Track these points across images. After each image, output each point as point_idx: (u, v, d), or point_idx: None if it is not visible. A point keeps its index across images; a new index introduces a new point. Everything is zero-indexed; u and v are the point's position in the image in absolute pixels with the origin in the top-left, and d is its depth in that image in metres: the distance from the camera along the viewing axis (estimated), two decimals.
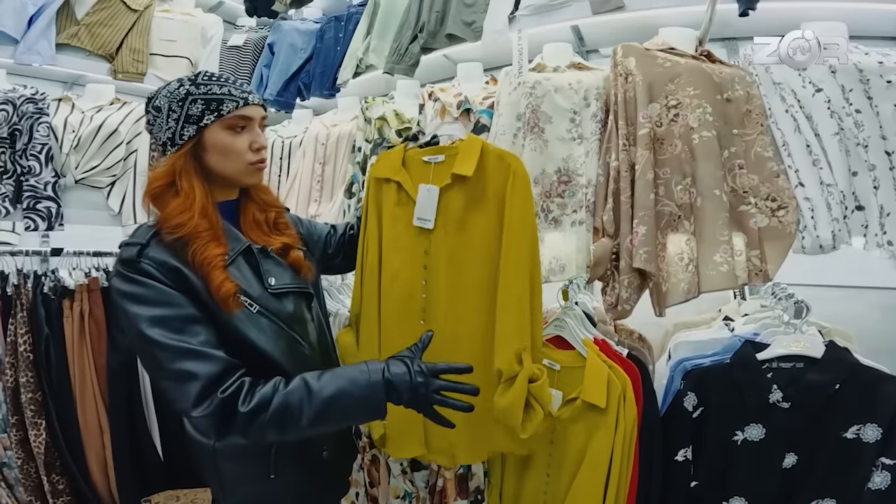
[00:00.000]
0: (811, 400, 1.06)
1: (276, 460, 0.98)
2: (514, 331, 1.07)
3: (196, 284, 0.89)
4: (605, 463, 1.15)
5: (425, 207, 1.17)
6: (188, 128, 0.94)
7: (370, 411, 0.89)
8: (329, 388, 0.86)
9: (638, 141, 1.32)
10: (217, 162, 0.96)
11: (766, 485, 1.06)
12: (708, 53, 1.40)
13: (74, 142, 1.82)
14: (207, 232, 0.91)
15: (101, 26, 2.08)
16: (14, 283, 1.64)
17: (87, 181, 1.88)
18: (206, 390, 0.83)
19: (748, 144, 1.27)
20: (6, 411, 1.61)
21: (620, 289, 1.30)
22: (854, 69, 1.19)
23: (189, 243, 0.89)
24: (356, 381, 0.87)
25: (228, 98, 0.95)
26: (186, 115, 0.94)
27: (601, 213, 1.36)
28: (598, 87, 1.44)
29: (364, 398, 0.87)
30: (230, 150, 0.96)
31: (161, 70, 2.23)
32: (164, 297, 0.86)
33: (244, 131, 0.97)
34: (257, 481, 0.98)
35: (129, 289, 0.86)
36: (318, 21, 2.36)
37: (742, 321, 1.33)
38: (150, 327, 0.84)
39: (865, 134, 1.16)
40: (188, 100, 0.94)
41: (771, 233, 1.21)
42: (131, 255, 0.87)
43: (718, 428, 1.12)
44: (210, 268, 0.89)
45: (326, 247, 1.27)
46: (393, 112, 1.81)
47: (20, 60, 1.94)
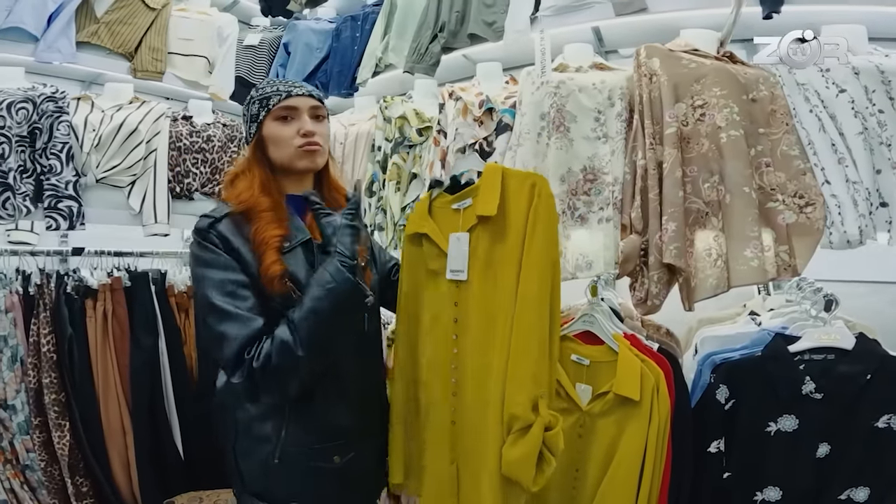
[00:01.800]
0: (843, 391, 1.08)
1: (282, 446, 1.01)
2: (530, 376, 0.98)
3: (248, 262, 0.98)
4: (639, 456, 1.17)
5: (457, 258, 1.10)
6: (252, 126, 1.09)
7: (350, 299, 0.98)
8: (302, 309, 0.94)
9: (665, 140, 1.34)
10: (273, 151, 1.07)
11: (800, 474, 1.08)
12: (730, 55, 1.43)
13: (95, 141, 1.82)
14: (269, 212, 1.01)
15: (121, 24, 2.08)
16: (37, 283, 1.64)
17: (108, 180, 1.87)
18: (240, 352, 0.92)
19: (774, 143, 1.30)
20: (29, 413, 1.60)
21: (650, 284, 1.32)
22: (876, 70, 1.22)
23: (252, 221, 0.99)
24: (319, 282, 0.96)
25: (274, 93, 1.07)
26: (250, 116, 1.09)
27: (629, 211, 1.38)
28: (621, 87, 1.46)
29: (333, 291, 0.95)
30: (279, 137, 1.06)
31: (179, 69, 2.23)
32: (223, 262, 0.97)
33: (291, 121, 1.07)
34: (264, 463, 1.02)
35: (199, 252, 0.98)
36: (332, 21, 2.37)
37: (768, 316, 1.36)
38: (208, 287, 0.95)
39: (888, 133, 1.20)
40: (250, 103, 1.10)
41: (799, 229, 1.23)
42: (203, 226, 0.99)
43: (751, 419, 1.15)
44: (266, 247, 0.98)
45: (389, 274, 1.27)
46: (413, 111, 1.83)
47: (41, 58, 1.93)
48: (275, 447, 1.01)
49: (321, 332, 0.95)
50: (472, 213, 1.09)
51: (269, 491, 1.03)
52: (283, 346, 0.92)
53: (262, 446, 1.02)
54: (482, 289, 1.07)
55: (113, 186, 1.90)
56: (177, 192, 2.02)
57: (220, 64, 2.29)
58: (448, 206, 1.14)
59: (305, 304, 0.95)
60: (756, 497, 1.11)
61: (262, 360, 0.91)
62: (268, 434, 1.02)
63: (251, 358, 0.92)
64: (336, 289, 0.96)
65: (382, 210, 1.81)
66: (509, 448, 0.97)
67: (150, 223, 1.94)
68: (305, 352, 0.92)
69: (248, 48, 2.43)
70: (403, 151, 1.78)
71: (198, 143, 2.06)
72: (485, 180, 1.09)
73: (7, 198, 1.69)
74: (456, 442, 1.11)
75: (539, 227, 1.02)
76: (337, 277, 0.96)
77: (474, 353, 1.07)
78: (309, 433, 1.03)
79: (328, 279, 0.96)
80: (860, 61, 1.24)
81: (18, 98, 1.71)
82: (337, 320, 0.98)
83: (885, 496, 1.03)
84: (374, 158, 1.89)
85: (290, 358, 0.92)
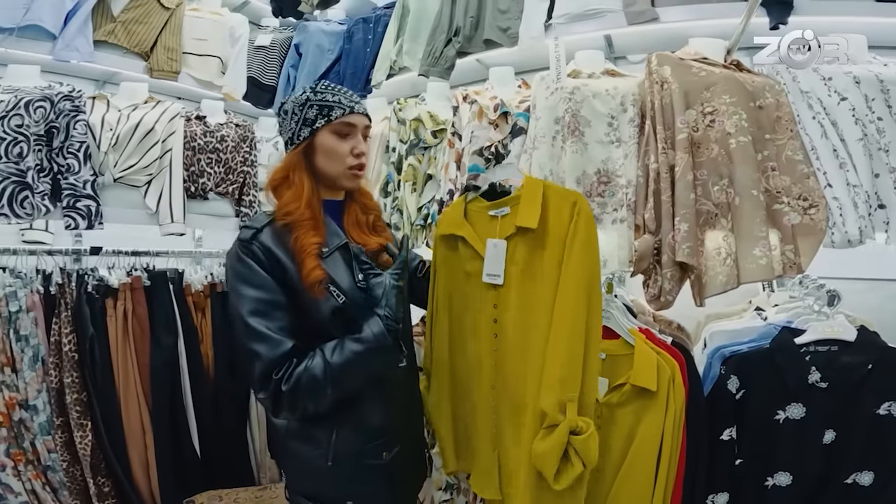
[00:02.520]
0: (846, 380, 1.16)
1: (334, 448, 1.04)
2: (559, 380, 1.04)
3: (291, 271, 1.00)
4: (656, 444, 1.23)
5: (494, 262, 1.16)
6: (304, 130, 1.08)
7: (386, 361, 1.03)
8: (342, 357, 0.97)
9: (677, 145, 1.41)
10: (323, 163, 1.08)
11: (808, 460, 1.16)
12: (737, 63, 1.50)
13: (113, 140, 1.82)
14: (309, 221, 1.03)
15: (137, 24, 2.08)
16: (58, 282, 1.64)
17: (125, 179, 1.88)
18: (267, 372, 0.95)
19: (779, 148, 1.37)
20: (50, 413, 1.60)
21: (663, 281, 1.39)
22: (875, 80, 1.30)
23: (293, 231, 1.02)
24: (362, 340, 0.99)
25: (338, 105, 1.08)
26: (304, 119, 1.07)
27: (642, 212, 1.44)
28: (633, 94, 1.53)
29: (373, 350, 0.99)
30: (335, 152, 1.08)
31: (194, 69, 2.24)
32: (260, 280, 0.99)
33: (348, 138, 1.09)
34: (316, 465, 1.04)
35: (237, 266, 1.00)
36: (342, 22, 2.40)
37: (774, 311, 1.43)
38: (242, 304, 0.97)
39: (886, 139, 1.28)
40: (307, 105, 1.08)
41: (803, 229, 1.31)
42: (246, 237, 1.01)
43: (761, 408, 1.22)
44: (305, 254, 1.00)
45: (416, 272, 1.33)
46: (427, 114, 1.87)
47: (59, 57, 1.92)
48: (327, 451, 1.04)
49: (352, 380, 1.00)
50: (511, 223, 1.14)
51: (323, 493, 1.06)
52: (314, 382, 0.95)
53: (314, 451, 1.05)
54: (520, 295, 1.13)
55: (130, 186, 1.91)
56: (191, 192, 2.04)
57: (233, 64, 2.30)
58: (485, 212, 1.19)
59: (345, 351, 0.98)
60: (767, 482, 1.18)
61: (291, 385, 0.94)
62: (319, 439, 1.04)
63: (279, 379, 0.95)
64: (377, 350, 0.99)
65: (398, 210, 1.86)
66: (538, 442, 1.05)
67: (166, 223, 1.96)
68: (333, 391, 0.97)
69: (260, 49, 2.45)
70: (419, 153, 1.83)
71: (212, 143, 2.08)
72: (526, 192, 1.14)
73: (25, 196, 1.69)
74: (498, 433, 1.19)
75: (578, 243, 1.08)
76: (380, 340, 0.99)
77: (513, 354, 1.14)
78: (358, 434, 1.06)
79: (371, 339, 0.99)
80: (861, 70, 1.32)
81: (36, 96, 1.71)
82: (370, 374, 1.03)
83: (888, 480, 1.11)
84: (389, 159, 1.93)
85: (318, 393, 0.96)
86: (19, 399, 1.55)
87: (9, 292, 1.56)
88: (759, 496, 1.18)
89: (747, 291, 1.55)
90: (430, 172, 1.82)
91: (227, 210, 2.18)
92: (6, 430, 1.53)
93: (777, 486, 1.18)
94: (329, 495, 1.06)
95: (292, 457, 1.09)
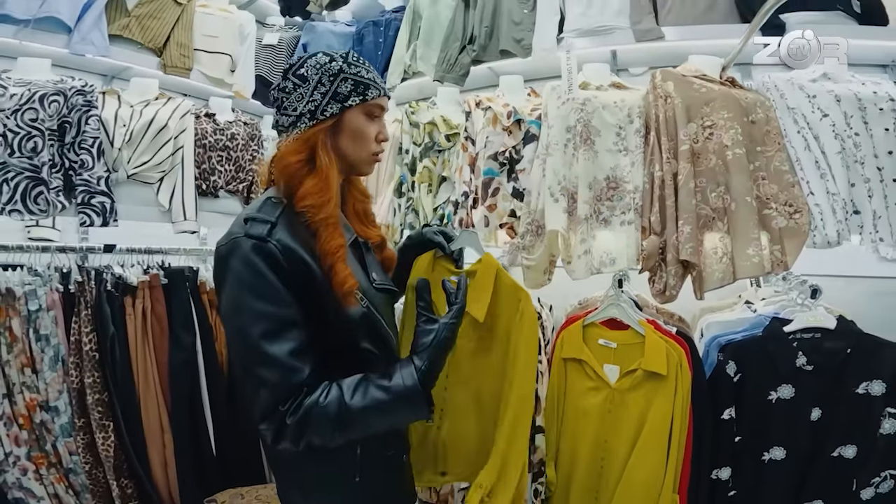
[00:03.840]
0: (829, 363, 1.33)
1: (361, 463, 0.96)
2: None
3: (316, 272, 0.87)
4: (667, 423, 1.38)
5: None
6: (332, 105, 0.92)
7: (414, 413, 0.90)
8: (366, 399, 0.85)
9: (679, 156, 1.55)
10: (348, 145, 0.96)
11: (799, 436, 1.32)
12: (732, 79, 1.66)
13: (126, 136, 1.81)
14: (334, 219, 0.91)
15: (151, 18, 2.06)
16: (77, 280, 1.64)
17: (139, 176, 1.88)
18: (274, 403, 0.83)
19: (768, 160, 1.53)
20: (72, 414, 1.59)
21: (668, 277, 1.53)
22: (854, 98, 1.48)
23: (318, 230, 0.88)
24: (392, 389, 0.86)
25: (374, 85, 0.96)
26: (335, 92, 0.92)
27: (648, 215, 1.58)
28: (639, 106, 1.66)
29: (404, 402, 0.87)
30: (364, 135, 0.96)
31: (205, 66, 2.23)
32: (274, 292, 0.83)
33: (376, 120, 0.99)
34: (342, 483, 0.96)
35: (244, 272, 0.83)
36: (349, 24, 2.44)
37: (762, 304, 1.60)
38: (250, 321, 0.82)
39: (862, 153, 1.46)
40: (339, 77, 0.93)
41: (789, 232, 1.47)
42: (261, 233, 0.84)
43: (756, 390, 1.38)
44: (335, 259, 0.88)
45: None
46: (441, 118, 1.96)
47: (75, 51, 1.88)
48: (353, 466, 0.96)
49: (369, 427, 0.88)
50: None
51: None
52: (324, 420, 0.83)
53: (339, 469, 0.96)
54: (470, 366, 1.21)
55: (142, 183, 1.91)
56: (202, 190, 2.06)
57: (242, 63, 2.31)
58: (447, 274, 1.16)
59: (367, 396, 0.85)
60: (764, 457, 1.34)
61: (299, 418, 0.82)
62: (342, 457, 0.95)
63: (285, 411, 0.82)
64: (404, 403, 0.87)
65: (414, 210, 1.94)
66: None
67: (179, 220, 1.97)
68: (343, 434, 0.85)
69: (268, 47, 2.46)
70: (433, 155, 1.91)
71: (222, 141, 2.09)
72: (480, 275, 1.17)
73: (40, 192, 1.67)
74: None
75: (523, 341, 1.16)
76: (411, 393, 0.86)
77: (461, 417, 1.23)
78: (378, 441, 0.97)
79: (401, 389, 0.85)
80: (842, 89, 1.49)
81: (50, 90, 1.69)
82: (392, 425, 0.94)
83: (869, 452, 1.28)
84: (402, 161, 2.00)
85: (326, 432, 0.84)
86: (40, 400, 1.55)
87: (28, 291, 1.55)
88: (758, 469, 1.34)
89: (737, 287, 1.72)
90: (444, 174, 1.91)
91: (237, 208, 2.20)
92: (27, 432, 1.52)
93: (773, 461, 1.34)
94: None
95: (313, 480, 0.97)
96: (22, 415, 1.50)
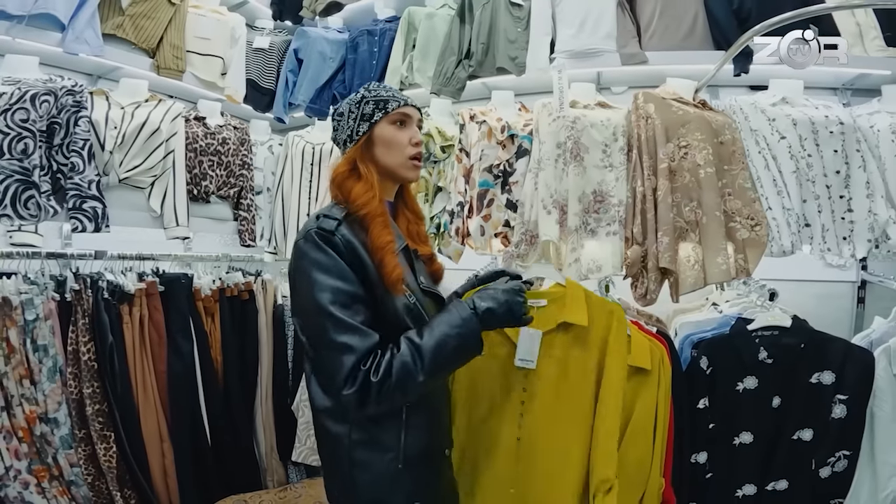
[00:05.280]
0: (786, 356, 1.53)
1: (405, 451, 1.04)
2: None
3: (369, 266, 1.01)
4: (653, 413, 1.53)
5: (528, 349, 1.28)
6: (362, 125, 1.10)
7: (471, 344, 1.03)
8: (432, 339, 0.98)
9: (659, 173, 1.71)
10: (382, 154, 1.10)
11: (763, 421, 1.51)
12: (703, 102, 1.85)
13: (119, 139, 1.76)
14: (382, 217, 1.05)
15: (145, 18, 1.99)
16: (74, 289, 1.60)
17: (130, 181, 1.82)
18: (357, 364, 0.94)
19: (733, 177, 1.72)
20: (71, 426, 1.55)
21: (648, 283, 1.70)
22: (809, 122, 1.68)
23: (369, 227, 1.03)
24: (452, 323, 1.01)
25: (392, 98, 1.12)
26: (361, 115, 1.10)
27: (631, 227, 1.75)
28: (622, 125, 1.82)
29: (463, 335, 1.00)
30: (394, 141, 1.10)
31: (198, 69, 2.18)
32: (342, 272, 0.98)
33: (405, 127, 1.12)
34: (386, 471, 1.04)
35: (318, 256, 0.98)
36: (340, 30, 2.46)
37: (726, 306, 1.81)
38: (325, 294, 0.95)
39: (813, 173, 1.67)
40: (363, 102, 1.11)
41: (751, 242, 1.67)
42: (330, 227, 1.00)
43: (725, 381, 1.56)
44: (385, 251, 1.02)
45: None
46: (436, 129, 2.04)
47: (69, 49, 1.80)
48: (397, 454, 1.03)
49: (440, 366, 1.00)
50: (553, 317, 1.36)
51: (391, 497, 1.05)
52: (405, 369, 0.95)
53: (384, 455, 1.03)
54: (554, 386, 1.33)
55: (133, 187, 1.87)
56: (194, 195, 2.03)
57: (233, 66, 2.28)
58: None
59: (435, 335, 0.98)
60: (735, 441, 1.53)
61: (382, 376, 0.93)
62: (388, 443, 1.04)
63: (367, 370, 0.93)
64: (464, 333, 1.00)
65: None
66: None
67: (171, 226, 1.94)
68: (425, 377, 0.96)
69: (259, 51, 2.44)
70: (429, 166, 2.00)
71: (213, 146, 2.08)
72: (570, 292, 1.36)
73: (31, 196, 1.59)
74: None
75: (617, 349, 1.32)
76: (468, 323, 1.01)
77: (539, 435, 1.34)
78: (423, 434, 1.07)
79: (458, 323, 1.00)
80: (798, 114, 1.68)
81: (41, 90, 1.62)
82: (455, 362, 1.04)
83: (824, 435, 1.48)
84: None
85: (409, 380, 0.95)
86: (39, 412, 1.51)
87: (25, 300, 1.51)
88: (730, 453, 1.53)
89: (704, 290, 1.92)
90: (440, 185, 2.00)
91: (227, 214, 2.19)
92: (27, 445, 1.49)
93: (743, 444, 1.53)
94: (398, 499, 1.05)
95: (360, 466, 1.04)
96: (22, 427, 1.46)
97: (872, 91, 1.89)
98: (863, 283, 2.01)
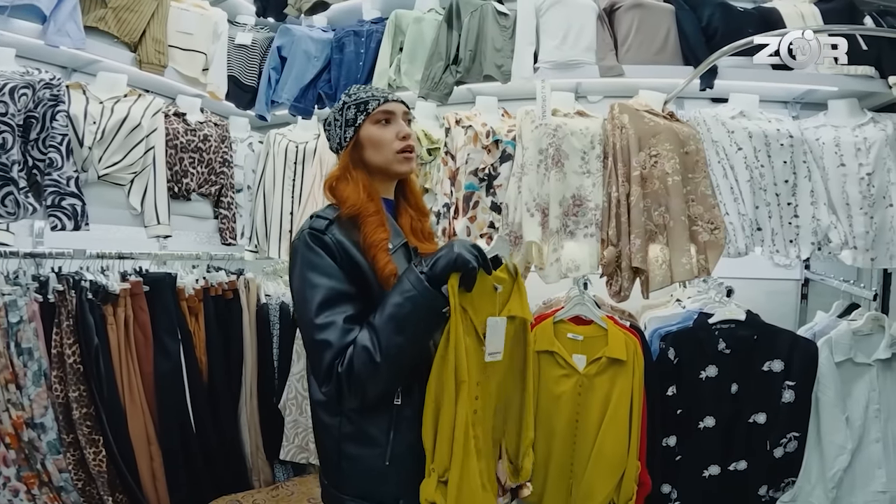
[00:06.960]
0: (741, 347, 1.72)
1: (392, 447, 1.04)
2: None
3: (362, 264, 1.03)
4: (628, 401, 1.69)
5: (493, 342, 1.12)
6: (348, 131, 1.13)
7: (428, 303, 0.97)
8: (383, 315, 0.97)
9: (632, 180, 1.86)
10: (371, 154, 1.12)
11: (723, 406, 1.69)
12: (671, 113, 2.01)
13: (98, 134, 1.70)
14: (375, 216, 1.06)
15: (128, 11, 1.91)
16: (57, 290, 1.55)
17: (110, 177, 1.75)
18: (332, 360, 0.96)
19: (696, 185, 1.89)
20: (58, 430, 1.51)
21: (622, 281, 1.85)
22: (762, 135, 1.86)
23: (361, 225, 1.05)
24: (401, 291, 0.97)
25: (372, 98, 1.13)
26: (345, 121, 1.13)
27: (606, 229, 1.88)
28: (599, 134, 1.95)
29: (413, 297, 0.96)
30: (380, 140, 1.11)
31: (180, 64, 2.11)
32: (329, 270, 1.01)
33: (389, 124, 1.13)
34: (373, 466, 1.05)
35: (308, 254, 1.02)
36: (325, 30, 2.44)
37: (689, 301, 1.99)
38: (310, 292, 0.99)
39: (765, 182, 1.86)
40: (345, 108, 1.14)
41: (711, 244, 1.84)
42: (321, 227, 1.03)
43: (690, 370, 1.74)
44: (377, 249, 1.03)
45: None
46: (422, 132, 2.10)
47: (50, 42, 1.71)
48: (384, 450, 1.04)
49: (399, 340, 0.96)
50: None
51: (377, 493, 1.05)
52: (364, 352, 0.95)
53: (371, 451, 1.04)
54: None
55: (112, 184, 1.81)
56: (174, 193, 1.99)
57: (215, 62, 2.22)
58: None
59: (386, 310, 0.97)
60: (700, 425, 1.70)
61: (346, 367, 0.95)
62: (376, 439, 1.04)
63: (338, 363, 0.96)
64: (416, 297, 0.96)
65: None
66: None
67: (152, 224, 1.90)
68: (383, 358, 0.95)
69: (241, 47, 2.38)
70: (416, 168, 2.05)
71: (194, 142, 2.04)
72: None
73: (9, 193, 1.51)
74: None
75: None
76: (416, 286, 0.96)
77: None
78: (412, 431, 1.05)
79: (408, 287, 0.97)
80: (754, 127, 1.86)
81: (19, 83, 1.55)
82: (416, 329, 0.99)
83: (775, 418, 1.67)
84: None
85: (369, 364, 0.95)
86: (26, 418, 1.46)
87: (8, 301, 1.46)
88: (696, 435, 1.70)
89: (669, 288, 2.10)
90: (426, 186, 2.06)
91: (208, 212, 2.16)
92: (15, 451, 1.44)
93: (707, 428, 1.70)
94: (384, 496, 1.06)
95: (348, 459, 1.06)
96: (9, 433, 1.42)
97: (820, 105, 2.09)
98: (806, 280, 2.26)
